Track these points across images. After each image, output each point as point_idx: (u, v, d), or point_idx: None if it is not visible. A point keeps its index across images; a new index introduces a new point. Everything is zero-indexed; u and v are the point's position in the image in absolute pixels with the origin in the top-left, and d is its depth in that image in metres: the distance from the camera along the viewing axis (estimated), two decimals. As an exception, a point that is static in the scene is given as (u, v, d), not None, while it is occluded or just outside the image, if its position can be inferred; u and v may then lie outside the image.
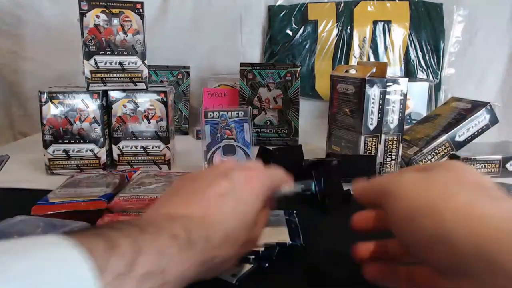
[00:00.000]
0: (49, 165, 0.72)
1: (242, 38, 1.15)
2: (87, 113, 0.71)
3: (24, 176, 0.71)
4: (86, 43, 0.70)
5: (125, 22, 0.71)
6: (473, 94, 0.91)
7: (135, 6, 0.70)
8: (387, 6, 1.11)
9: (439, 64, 1.13)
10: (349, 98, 0.72)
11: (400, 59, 1.12)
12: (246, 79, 0.98)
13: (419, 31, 1.11)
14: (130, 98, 0.73)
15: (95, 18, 0.69)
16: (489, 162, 0.73)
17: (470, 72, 1.14)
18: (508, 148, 0.80)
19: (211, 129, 0.71)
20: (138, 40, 0.71)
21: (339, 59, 1.12)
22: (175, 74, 1.08)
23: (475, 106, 0.75)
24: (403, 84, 0.70)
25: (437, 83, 1.13)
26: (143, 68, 0.73)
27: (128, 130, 0.74)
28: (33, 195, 0.55)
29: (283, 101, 0.98)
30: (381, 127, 0.70)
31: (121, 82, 0.72)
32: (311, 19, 1.11)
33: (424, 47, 1.12)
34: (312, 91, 1.13)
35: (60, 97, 0.70)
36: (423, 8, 1.11)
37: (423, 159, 0.73)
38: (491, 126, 0.74)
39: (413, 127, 0.85)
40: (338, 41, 1.11)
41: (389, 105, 0.70)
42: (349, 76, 0.73)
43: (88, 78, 0.71)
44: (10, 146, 1.01)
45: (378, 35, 1.11)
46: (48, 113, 0.70)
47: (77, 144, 0.72)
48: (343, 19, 1.11)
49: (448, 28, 1.12)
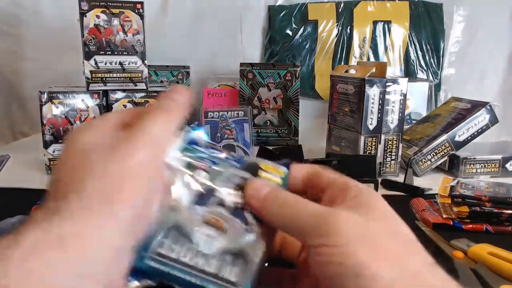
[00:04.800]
0: (49, 165, 0.72)
1: (242, 38, 1.15)
2: (87, 113, 0.71)
3: (24, 176, 0.71)
4: (86, 43, 0.70)
5: (125, 22, 0.71)
6: (473, 94, 0.91)
7: (135, 6, 0.70)
8: (387, 6, 1.11)
9: (439, 64, 1.13)
10: (349, 98, 0.72)
11: (400, 59, 1.12)
12: (246, 79, 0.98)
13: (419, 31, 1.11)
14: (130, 98, 0.73)
15: (95, 18, 0.69)
16: (489, 162, 0.73)
17: (470, 72, 1.14)
18: (508, 148, 0.80)
19: (211, 129, 0.71)
20: (138, 40, 0.71)
21: (339, 59, 1.12)
22: (175, 74, 1.08)
23: (475, 106, 0.75)
24: (403, 84, 0.70)
25: (437, 83, 1.13)
26: (143, 68, 0.73)
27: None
28: (33, 195, 0.55)
29: (283, 101, 0.98)
30: (381, 127, 0.70)
31: (121, 82, 0.72)
32: (311, 19, 1.11)
33: (424, 47, 1.12)
34: (312, 91, 1.13)
35: (60, 97, 0.70)
36: (423, 8, 1.11)
37: (423, 159, 0.73)
38: (491, 126, 0.74)
39: (413, 127, 0.85)
40: (338, 41, 1.11)
41: (389, 105, 0.70)
42: (349, 76, 0.74)
43: (88, 78, 0.71)
44: (10, 146, 1.01)
45: (378, 35, 1.11)
46: (48, 113, 0.70)
47: (77, 144, 0.72)
48: (343, 19, 1.11)
49: (448, 28, 1.12)
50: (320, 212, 0.26)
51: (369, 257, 0.24)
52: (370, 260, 0.24)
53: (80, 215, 0.23)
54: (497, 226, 0.51)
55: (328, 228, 0.25)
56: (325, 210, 0.26)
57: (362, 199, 0.27)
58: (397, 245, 0.25)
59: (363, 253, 0.24)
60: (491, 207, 0.52)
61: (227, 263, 0.26)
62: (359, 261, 0.24)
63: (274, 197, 0.28)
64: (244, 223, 0.28)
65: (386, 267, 0.23)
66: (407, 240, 0.26)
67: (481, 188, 0.55)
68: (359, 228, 0.25)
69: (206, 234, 0.27)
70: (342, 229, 0.25)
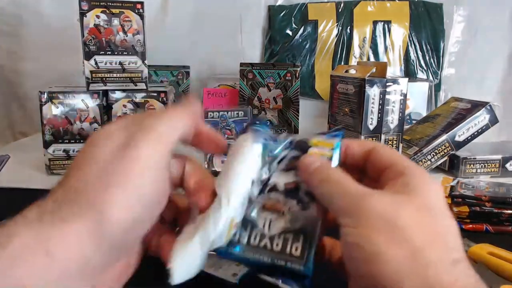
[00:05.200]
0: (49, 165, 0.72)
1: (242, 38, 1.15)
2: (87, 113, 0.71)
3: (24, 176, 0.71)
4: (86, 43, 0.70)
5: (125, 22, 0.71)
6: (473, 94, 0.91)
7: (135, 6, 0.70)
8: (387, 6, 1.11)
9: (439, 64, 1.13)
10: (349, 98, 0.72)
11: (400, 59, 1.12)
12: (246, 79, 0.98)
13: (419, 31, 1.11)
14: (130, 98, 0.73)
15: (95, 18, 0.69)
16: (489, 162, 0.73)
17: (470, 72, 1.14)
18: (508, 148, 0.80)
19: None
20: (138, 40, 0.71)
21: (339, 59, 1.12)
22: (175, 74, 1.08)
23: (475, 106, 0.75)
24: (403, 84, 0.70)
25: (437, 83, 1.13)
26: (143, 68, 0.73)
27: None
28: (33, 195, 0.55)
29: (283, 101, 0.98)
30: (381, 127, 0.70)
31: (121, 82, 0.72)
32: (311, 19, 1.11)
33: (424, 47, 1.12)
34: (312, 91, 1.13)
35: (60, 97, 0.70)
36: (423, 8, 1.11)
37: (423, 159, 0.73)
38: (491, 126, 0.74)
39: (413, 127, 0.85)
40: (338, 41, 1.11)
41: (389, 105, 0.70)
42: (349, 76, 0.74)
43: (88, 78, 0.71)
44: (10, 146, 1.01)
45: (378, 35, 1.11)
46: (48, 113, 0.70)
47: (77, 144, 0.72)
48: (343, 19, 1.11)
49: (448, 28, 1.12)
50: (356, 193, 0.26)
51: (387, 244, 0.24)
52: (386, 247, 0.24)
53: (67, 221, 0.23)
54: (497, 226, 0.51)
55: (356, 209, 0.25)
56: (362, 191, 0.26)
57: (411, 187, 0.26)
58: (423, 237, 0.24)
59: (381, 239, 0.24)
60: (491, 207, 0.52)
61: (290, 240, 0.29)
62: (375, 246, 0.24)
63: (319, 172, 0.29)
64: (298, 202, 0.30)
65: (401, 256, 0.23)
66: (438, 233, 0.25)
67: (481, 188, 0.55)
68: (386, 214, 0.25)
69: (268, 219, 0.30)
70: (369, 212, 0.25)
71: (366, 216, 0.25)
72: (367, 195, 0.26)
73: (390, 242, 0.24)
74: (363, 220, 0.25)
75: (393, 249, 0.23)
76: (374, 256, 0.24)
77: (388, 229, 0.24)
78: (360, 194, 0.26)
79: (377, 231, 0.24)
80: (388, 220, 0.24)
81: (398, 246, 0.24)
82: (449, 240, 0.25)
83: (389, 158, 0.29)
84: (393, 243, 0.24)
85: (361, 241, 0.24)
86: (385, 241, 0.24)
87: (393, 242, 0.24)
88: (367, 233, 0.24)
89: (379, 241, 0.24)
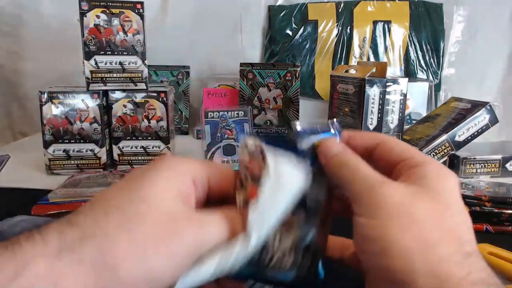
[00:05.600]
0: (49, 165, 0.72)
1: (242, 38, 1.15)
2: (87, 113, 0.71)
3: (24, 176, 0.71)
4: (86, 43, 0.70)
5: (125, 22, 0.71)
6: (473, 94, 0.91)
7: (135, 6, 0.70)
8: (387, 6, 1.11)
9: (439, 64, 1.13)
10: (349, 98, 0.72)
11: (400, 59, 1.12)
12: (246, 79, 0.98)
13: (419, 31, 1.11)
14: (130, 98, 0.73)
15: (95, 18, 0.69)
16: (489, 162, 0.73)
17: (470, 72, 1.14)
18: (508, 148, 0.80)
19: (211, 129, 0.71)
20: (138, 40, 0.71)
21: (339, 59, 1.12)
22: (175, 74, 1.08)
23: (475, 106, 0.75)
24: (403, 84, 0.70)
25: (437, 83, 1.13)
26: (143, 68, 0.73)
27: (128, 130, 0.74)
28: (33, 195, 0.55)
29: (283, 101, 0.98)
30: (381, 127, 0.70)
31: (121, 82, 0.72)
32: (311, 19, 1.11)
33: (424, 47, 1.12)
34: (312, 91, 1.13)
35: (60, 97, 0.70)
36: (423, 8, 1.11)
37: (423, 159, 0.73)
38: (491, 126, 0.74)
39: (413, 127, 0.85)
40: (338, 41, 1.11)
41: (389, 105, 0.70)
42: (349, 76, 0.74)
43: (88, 78, 0.71)
44: (10, 146, 1.01)
45: (378, 35, 1.11)
46: (48, 113, 0.70)
47: (77, 144, 0.72)
48: (343, 19, 1.11)
49: (448, 28, 1.12)
50: (372, 181, 0.26)
51: (401, 236, 0.23)
52: (397, 239, 0.23)
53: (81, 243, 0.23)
54: (497, 226, 0.51)
55: (371, 199, 0.25)
56: (378, 180, 0.26)
57: (427, 180, 0.26)
58: (437, 231, 0.24)
59: (393, 231, 0.24)
60: (491, 207, 0.52)
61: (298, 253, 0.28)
62: (389, 238, 0.23)
63: (339, 156, 0.28)
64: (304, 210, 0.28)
65: (414, 250, 0.23)
66: (453, 227, 0.25)
67: (481, 188, 0.55)
68: (401, 206, 0.24)
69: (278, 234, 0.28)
70: (383, 203, 0.25)
71: (382, 205, 0.24)
72: (385, 183, 0.26)
73: (404, 235, 0.24)
74: (379, 209, 0.24)
75: (406, 242, 0.23)
76: (387, 249, 0.23)
77: (403, 222, 0.24)
78: (378, 181, 0.26)
79: (391, 223, 0.24)
80: (403, 212, 0.24)
81: (412, 240, 0.23)
82: (463, 233, 0.25)
83: (403, 151, 0.29)
84: (407, 236, 0.24)
85: (376, 233, 0.24)
86: (399, 233, 0.24)
87: (407, 235, 0.24)
88: (382, 225, 0.24)
89: (393, 233, 0.24)
